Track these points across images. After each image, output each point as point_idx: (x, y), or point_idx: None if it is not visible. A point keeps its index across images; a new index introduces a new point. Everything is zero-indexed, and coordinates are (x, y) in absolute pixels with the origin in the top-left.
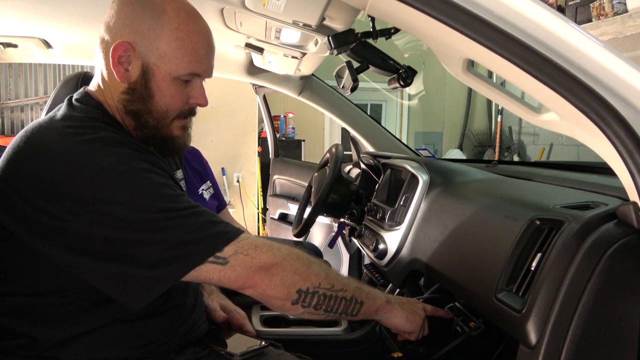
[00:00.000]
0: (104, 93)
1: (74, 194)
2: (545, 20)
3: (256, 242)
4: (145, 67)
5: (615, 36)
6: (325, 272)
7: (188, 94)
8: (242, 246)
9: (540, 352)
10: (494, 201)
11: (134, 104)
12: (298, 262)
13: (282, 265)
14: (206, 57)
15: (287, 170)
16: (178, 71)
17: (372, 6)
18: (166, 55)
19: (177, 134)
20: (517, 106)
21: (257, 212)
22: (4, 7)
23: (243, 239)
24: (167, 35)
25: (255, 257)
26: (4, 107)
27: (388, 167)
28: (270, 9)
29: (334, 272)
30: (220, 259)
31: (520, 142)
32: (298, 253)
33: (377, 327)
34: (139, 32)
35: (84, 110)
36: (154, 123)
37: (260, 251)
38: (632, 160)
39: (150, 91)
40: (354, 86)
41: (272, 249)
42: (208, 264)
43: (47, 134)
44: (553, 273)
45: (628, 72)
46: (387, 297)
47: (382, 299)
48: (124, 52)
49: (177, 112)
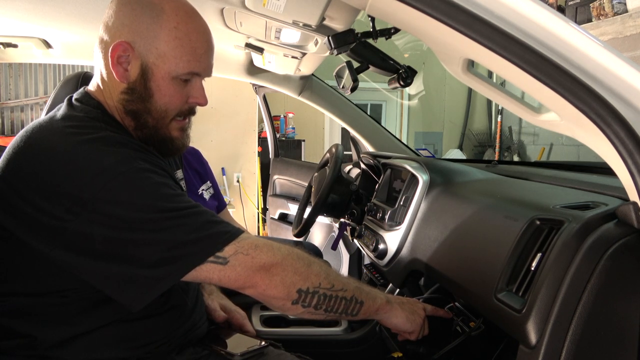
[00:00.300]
0: (103, 93)
1: (74, 194)
2: (545, 20)
3: (256, 242)
4: (144, 66)
5: (615, 36)
6: (326, 272)
7: (187, 94)
8: (242, 246)
9: (540, 352)
10: (494, 201)
11: (133, 104)
12: (298, 262)
13: (282, 265)
14: (205, 56)
15: (287, 170)
16: (177, 70)
17: (372, 6)
18: (165, 54)
19: (175, 135)
20: (517, 106)
21: (257, 212)
22: (4, 7)
23: (243, 238)
24: (166, 34)
25: (255, 256)
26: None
27: (388, 167)
28: (270, 9)
29: (334, 272)
30: (221, 259)
31: (520, 142)
32: (298, 253)
33: (377, 327)
34: (138, 32)
35: (84, 110)
36: (154, 123)
37: (260, 251)
38: (632, 160)
39: (149, 91)
40: (354, 86)
41: (272, 248)
42: (208, 263)
43: (47, 134)
44: (553, 273)
45: (628, 72)
46: (387, 297)
47: (382, 299)
48: (123, 52)
49: (177, 112)
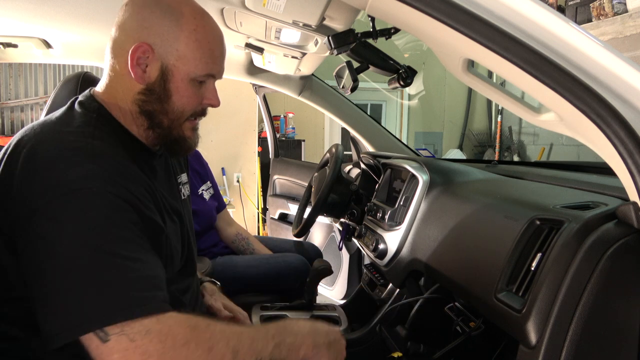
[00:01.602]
0: (114, 94)
1: (26, 202)
2: (545, 20)
3: (153, 327)
4: (164, 68)
5: (615, 36)
6: (234, 349)
7: (202, 95)
8: (133, 327)
9: (540, 352)
10: (494, 201)
11: (150, 105)
12: (197, 350)
13: (173, 359)
14: (221, 57)
15: (287, 170)
16: (196, 72)
17: (372, 6)
18: (185, 56)
19: (188, 135)
20: (517, 106)
21: (257, 212)
22: (4, 7)
23: (139, 319)
24: (186, 37)
25: (140, 346)
26: (4, 107)
27: (388, 167)
28: (270, 9)
29: (248, 338)
30: (102, 333)
31: (520, 142)
32: (199, 336)
33: (377, 327)
34: (159, 34)
35: (80, 114)
36: (169, 123)
37: (149, 340)
38: (632, 160)
39: (168, 92)
40: (354, 86)
41: (166, 337)
42: (90, 333)
43: (34, 136)
44: (553, 273)
45: (628, 72)
46: (315, 340)
47: (309, 345)
48: (143, 53)
49: (192, 113)
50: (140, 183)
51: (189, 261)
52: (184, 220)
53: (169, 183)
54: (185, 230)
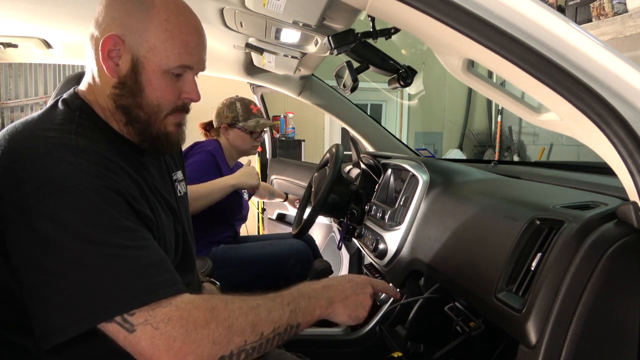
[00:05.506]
0: (94, 90)
1: (16, 201)
2: (545, 20)
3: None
4: (135, 60)
5: (615, 36)
6: (252, 323)
7: (180, 89)
8: (155, 316)
9: (540, 352)
10: (494, 201)
11: (124, 99)
12: (217, 329)
13: (196, 341)
14: (197, 49)
15: (284, 170)
16: (168, 64)
17: (372, 6)
18: (155, 47)
19: (171, 130)
20: (517, 106)
21: (257, 212)
22: (4, 7)
23: (163, 305)
24: (156, 27)
25: (164, 332)
26: (4, 107)
27: (388, 167)
28: (270, 9)
29: (264, 311)
30: (128, 324)
31: (520, 142)
32: (219, 315)
33: (377, 327)
34: (128, 25)
35: (62, 112)
36: (146, 118)
37: (171, 326)
38: (632, 160)
39: (140, 85)
40: (354, 86)
41: (187, 321)
42: (114, 323)
43: (16, 134)
44: (553, 273)
45: (628, 72)
46: (330, 297)
47: (323, 305)
48: (114, 45)
49: (172, 108)
50: (126, 176)
51: (186, 257)
52: (179, 216)
53: (162, 180)
54: (180, 226)
